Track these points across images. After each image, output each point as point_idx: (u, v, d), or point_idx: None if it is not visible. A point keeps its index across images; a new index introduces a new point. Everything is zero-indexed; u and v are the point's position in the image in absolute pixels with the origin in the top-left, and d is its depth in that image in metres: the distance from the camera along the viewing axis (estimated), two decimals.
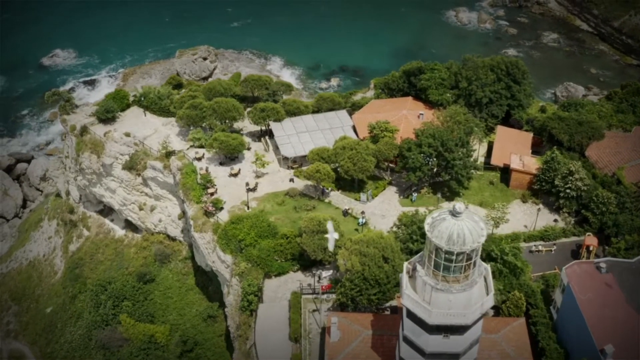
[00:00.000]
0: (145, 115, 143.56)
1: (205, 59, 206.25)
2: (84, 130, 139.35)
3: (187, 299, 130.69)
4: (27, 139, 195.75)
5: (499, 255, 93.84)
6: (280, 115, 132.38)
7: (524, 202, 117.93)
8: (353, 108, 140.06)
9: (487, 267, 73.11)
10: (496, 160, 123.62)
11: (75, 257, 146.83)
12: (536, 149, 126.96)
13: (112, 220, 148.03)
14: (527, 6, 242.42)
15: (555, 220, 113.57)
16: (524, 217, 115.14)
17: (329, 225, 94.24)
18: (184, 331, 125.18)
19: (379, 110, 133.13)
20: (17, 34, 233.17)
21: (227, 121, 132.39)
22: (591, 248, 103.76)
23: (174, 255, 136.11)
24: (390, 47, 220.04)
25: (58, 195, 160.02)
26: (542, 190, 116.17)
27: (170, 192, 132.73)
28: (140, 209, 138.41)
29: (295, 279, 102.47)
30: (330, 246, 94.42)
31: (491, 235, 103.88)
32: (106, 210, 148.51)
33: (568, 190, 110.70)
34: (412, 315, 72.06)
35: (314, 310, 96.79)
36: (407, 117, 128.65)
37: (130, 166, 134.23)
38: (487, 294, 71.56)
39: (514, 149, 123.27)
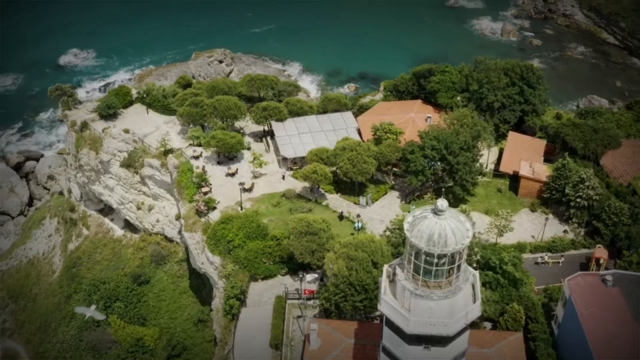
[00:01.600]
0: (147, 113, 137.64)
1: (221, 62, 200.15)
2: (84, 126, 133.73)
3: (179, 302, 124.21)
4: (38, 138, 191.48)
5: (497, 264, 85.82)
6: (282, 115, 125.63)
7: (532, 211, 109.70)
8: (361, 110, 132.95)
9: (475, 274, 65.55)
10: (505, 166, 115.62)
11: (74, 256, 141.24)
12: (549, 157, 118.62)
13: (112, 220, 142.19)
14: (553, 18, 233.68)
15: (565, 231, 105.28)
16: (532, 227, 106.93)
17: None
18: (174, 335, 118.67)
19: (386, 112, 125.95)
20: (36, 32, 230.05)
21: (227, 120, 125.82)
22: (601, 261, 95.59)
23: (170, 256, 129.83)
24: (411, 56, 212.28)
25: (61, 193, 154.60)
26: (552, 199, 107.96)
27: (168, 192, 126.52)
28: (138, 208, 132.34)
29: (283, 283, 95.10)
30: None
31: (494, 245, 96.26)
32: (106, 210, 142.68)
33: (579, 200, 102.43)
34: (390, 324, 64.64)
35: (298, 317, 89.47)
36: (414, 120, 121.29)
37: (128, 164, 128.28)
38: (474, 302, 63.90)
39: (525, 156, 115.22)
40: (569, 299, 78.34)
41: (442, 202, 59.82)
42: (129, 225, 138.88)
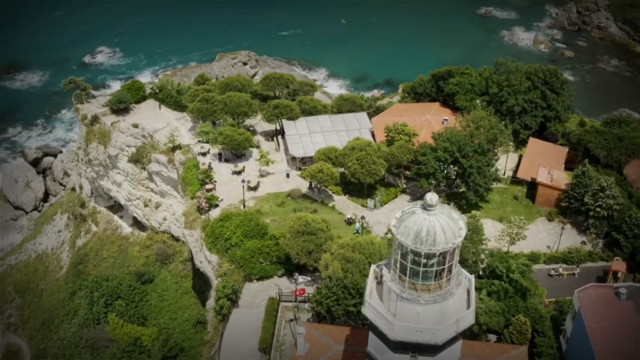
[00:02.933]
0: (159, 109, 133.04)
1: (245, 64, 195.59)
2: (95, 119, 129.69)
3: (181, 302, 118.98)
4: (58, 134, 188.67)
5: (504, 272, 79.06)
6: (294, 114, 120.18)
7: (549, 220, 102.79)
8: (377, 112, 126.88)
9: (470, 278, 59.25)
10: (523, 173, 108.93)
11: (81, 253, 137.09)
12: (571, 166, 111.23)
13: (121, 217, 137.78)
14: (587, 30, 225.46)
15: (583, 243, 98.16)
16: (548, 237, 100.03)
17: None
18: (172, 336, 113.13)
19: (402, 114, 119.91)
20: (65, 31, 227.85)
21: (238, 117, 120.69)
22: (619, 274, 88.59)
23: (175, 256, 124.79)
24: (439, 63, 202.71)
25: (74, 189, 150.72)
26: (570, 208, 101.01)
27: (175, 189, 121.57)
28: (145, 205, 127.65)
29: (276, 284, 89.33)
30: None
31: (505, 253, 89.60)
32: (116, 207, 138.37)
33: (598, 209, 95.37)
34: (374, 329, 58.54)
35: (291, 320, 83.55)
36: (429, 122, 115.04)
37: (135, 159, 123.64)
38: (468, 309, 57.65)
39: (545, 163, 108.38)
40: (578, 311, 71.57)
41: (431, 196, 53.81)
42: (137, 223, 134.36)
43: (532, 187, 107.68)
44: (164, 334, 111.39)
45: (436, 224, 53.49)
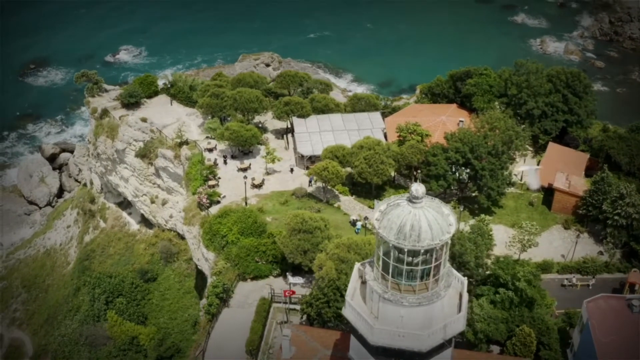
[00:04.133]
0: (171, 104, 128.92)
1: (267, 65, 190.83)
2: (104, 113, 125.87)
3: (182, 302, 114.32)
4: (77, 130, 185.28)
5: (509, 280, 72.83)
6: (305, 111, 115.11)
7: (565, 228, 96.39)
8: (393, 113, 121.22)
9: (463, 280, 53.62)
10: (540, 178, 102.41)
11: (88, 249, 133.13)
12: (592, 173, 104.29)
13: (129, 214, 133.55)
14: (619, 40, 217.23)
15: (600, 253, 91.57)
16: (563, 245, 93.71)
17: None
18: (170, 336, 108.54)
19: (416, 114, 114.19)
20: (89, 29, 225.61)
21: (247, 113, 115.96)
22: (636, 287, 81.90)
23: (180, 254, 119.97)
24: None
25: (85, 184, 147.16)
26: (588, 216, 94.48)
27: (181, 186, 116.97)
28: (152, 202, 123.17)
29: (269, 284, 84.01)
30: None
31: (513, 260, 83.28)
32: (125, 203, 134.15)
33: (617, 217, 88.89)
34: (355, 332, 53.09)
35: (283, 322, 78.11)
36: (444, 124, 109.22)
37: (143, 154, 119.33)
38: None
39: (564, 169, 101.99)
40: (587, 324, 65.29)
41: (417, 187, 48.40)
42: (144, 220, 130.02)
43: (549, 193, 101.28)
44: (160, 334, 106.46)
45: (422, 218, 48.10)
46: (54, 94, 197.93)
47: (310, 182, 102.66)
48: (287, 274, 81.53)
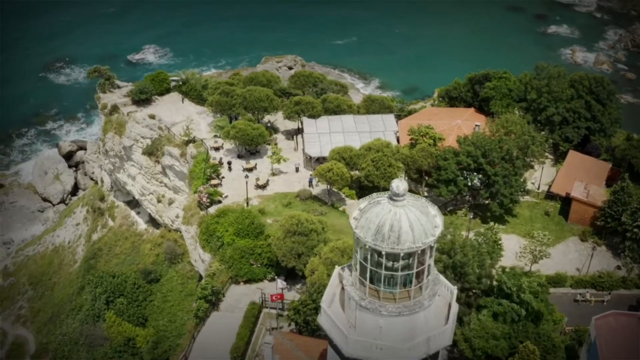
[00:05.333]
0: (182, 102, 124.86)
1: (290, 68, 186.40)
2: (114, 109, 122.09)
3: (183, 304, 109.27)
4: (96, 129, 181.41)
5: (514, 291, 66.85)
6: (316, 112, 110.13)
7: (582, 240, 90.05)
8: (408, 116, 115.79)
9: (452, 289, 48.00)
10: (557, 187, 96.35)
11: (95, 247, 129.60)
12: (613, 183, 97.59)
13: (138, 213, 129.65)
14: None
15: (618, 267, 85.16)
16: (579, 258, 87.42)
17: None
18: (168, 339, 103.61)
19: (431, 117, 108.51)
20: (115, 28, 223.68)
21: (257, 112, 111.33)
22: None
23: (185, 255, 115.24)
24: None
25: (96, 182, 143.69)
26: (606, 227, 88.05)
27: (187, 185, 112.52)
28: (159, 201, 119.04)
29: (259, 288, 78.98)
30: None
31: (522, 271, 77.30)
32: (134, 202, 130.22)
33: (636, 230, 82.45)
34: (331, 342, 47.77)
35: (272, 329, 72.95)
36: (460, 127, 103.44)
37: (150, 151, 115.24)
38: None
39: (583, 178, 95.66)
40: (594, 342, 59.20)
41: (398, 184, 42.97)
42: (152, 220, 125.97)
43: (566, 203, 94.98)
44: (155, 336, 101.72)
45: (403, 217, 42.63)
46: (75, 92, 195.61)
47: (310, 182, 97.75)
48: (276, 277, 76.40)
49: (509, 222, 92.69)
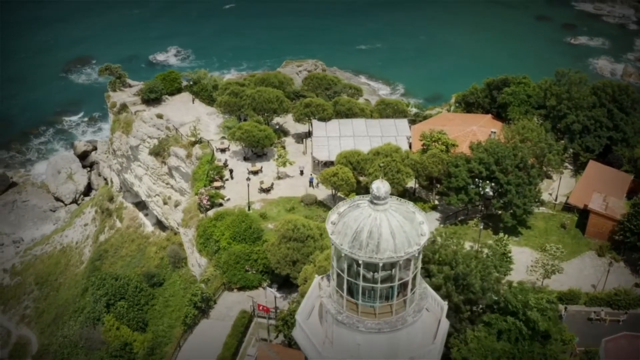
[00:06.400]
0: (193, 102, 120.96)
1: (310, 72, 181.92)
2: (122, 108, 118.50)
3: (184, 310, 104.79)
4: None
5: (520, 308, 61.40)
6: (326, 114, 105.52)
7: (599, 255, 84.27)
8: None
9: (442, 305, 43.15)
10: (575, 199, 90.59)
11: (101, 249, 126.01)
12: (634, 196, 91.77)
13: (146, 215, 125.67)
14: None
15: (636, 285, 79.35)
16: (595, 274, 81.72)
17: None
18: (166, 345, 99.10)
19: (446, 123, 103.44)
20: (137, 28, 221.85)
21: (266, 114, 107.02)
22: None
23: (188, 259, 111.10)
24: None
25: (107, 182, 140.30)
26: (626, 242, 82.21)
27: (191, 187, 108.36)
28: (165, 203, 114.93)
29: (250, 296, 74.29)
30: None
31: (542, 288, 72.03)
32: (142, 204, 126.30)
33: None
34: (306, 358, 43.03)
35: (262, 339, 68.26)
36: (475, 134, 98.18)
37: (156, 151, 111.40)
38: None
39: (603, 190, 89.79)
40: None
41: (379, 185, 38.24)
42: (159, 222, 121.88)
43: (584, 215, 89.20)
44: (153, 342, 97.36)
45: (384, 223, 37.86)
46: (95, 91, 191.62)
47: (311, 181, 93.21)
48: (265, 286, 71.77)
49: (522, 234, 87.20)
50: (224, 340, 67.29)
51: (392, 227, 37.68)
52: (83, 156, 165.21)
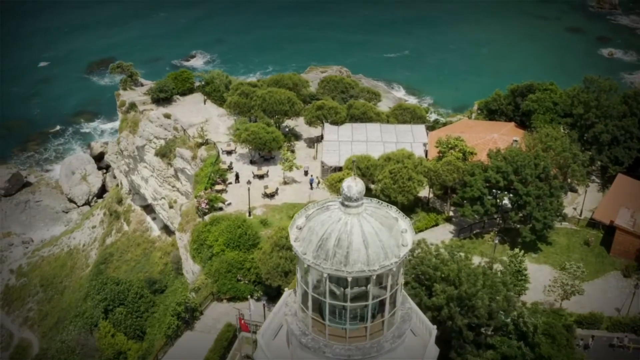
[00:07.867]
0: (204, 103, 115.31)
1: None
2: (131, 107, 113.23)
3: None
4: None
5: (530, 330, 53.97)
6: (339, 118, 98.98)
7: (625, 276, 76.42)
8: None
9: (431, 328, 36.29)
10: (601, 214, 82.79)
11: (107, 252, 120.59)
12: None
13: (153, 219, 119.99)
14: None
15: None
16: (620, 297, 73.87)
17: None
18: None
19: (465, 130, 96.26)
20: (162, 31, 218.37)
21: (276, 116, 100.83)
22: None
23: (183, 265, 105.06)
24: None
25: (117, 184, 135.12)
26: None
27: (192, 189, 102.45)
28: (170, 206, 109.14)
29: (237, 308, 67.62)
30: None
31: (559, 310, 64.67)
32: (150, 207, 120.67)
33: None
34: None
35: (247, 357, 61.62)
36: (496, 142, 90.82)
37: (163, 153, 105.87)
38: None
39: (632, 205, 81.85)
40: None
41: (351, 184, 31.57)
42: (166, 227, 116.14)
43: (610, 232, 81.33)
44: (144, 352, 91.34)
45: (355, 230, 31.19)
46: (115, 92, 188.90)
47: (311, 182, 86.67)
48: (249, 296, 65.21)
49: (542, 250, 79.61)
50: (205, 354, 60.79)
51: (365, 234, 31.01)
52: (99, 157, 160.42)
